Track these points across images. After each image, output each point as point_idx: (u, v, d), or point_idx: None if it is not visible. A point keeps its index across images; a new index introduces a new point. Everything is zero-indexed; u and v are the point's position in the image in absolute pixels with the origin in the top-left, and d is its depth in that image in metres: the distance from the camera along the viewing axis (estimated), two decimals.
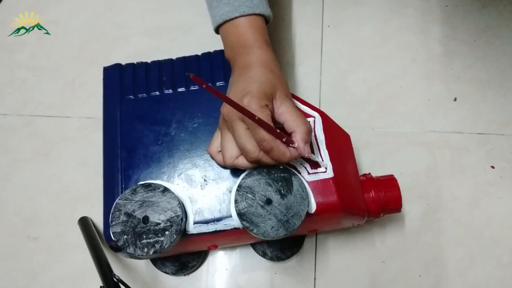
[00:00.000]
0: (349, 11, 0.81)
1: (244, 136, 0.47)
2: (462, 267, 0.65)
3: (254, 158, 0.47)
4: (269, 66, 0.52)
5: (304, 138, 0.48)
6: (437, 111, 0.73)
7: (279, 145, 0.47)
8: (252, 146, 0.47)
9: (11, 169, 0.73)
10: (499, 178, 0.69)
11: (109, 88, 0.59)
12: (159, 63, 0.60)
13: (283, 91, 0.51)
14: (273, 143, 0.46)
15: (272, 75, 0.51)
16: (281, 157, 0.47)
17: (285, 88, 0.52)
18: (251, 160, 0.48)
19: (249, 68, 0.52)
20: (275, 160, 0.48)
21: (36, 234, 0.69)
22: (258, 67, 0.51)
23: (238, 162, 0.49)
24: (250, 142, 0.47)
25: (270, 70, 0.52)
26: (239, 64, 0.53)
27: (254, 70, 0.51)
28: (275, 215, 0.48)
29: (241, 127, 0.47)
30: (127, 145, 0.55)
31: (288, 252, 0.64)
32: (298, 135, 0.48)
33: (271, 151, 0.47)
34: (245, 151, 0.48)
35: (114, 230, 0.48)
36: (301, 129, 0.48)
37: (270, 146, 0.46)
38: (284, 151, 0.47)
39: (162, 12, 0.82)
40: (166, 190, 0.49)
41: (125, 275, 0.66)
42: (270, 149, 0.46)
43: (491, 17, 0.79)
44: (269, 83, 0.50)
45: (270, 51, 0.54)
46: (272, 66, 0.52)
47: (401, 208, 0.58)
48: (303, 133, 0.48)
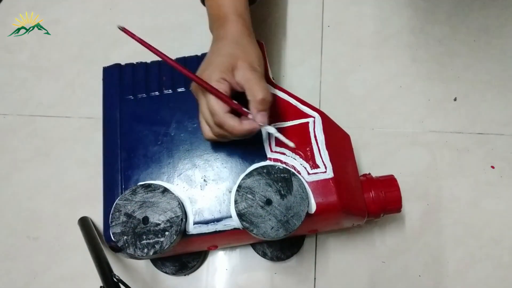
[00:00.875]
0: (349, 11, 0.81)
1: (204, 109, 0.49)
2: (462, 267, 0.65)
3: (216, 132, 0.49)
4: (237, 39, 0.53)
5: (257, 107, 0.47)
6: (437, 111, 0.73)
7: (227, 119, 0.47)
8: (211, 121, 0.49)
9: (11, 169, 0.73)
10: (499, 178, 0.69)
11: (109, 88, 0.59)
12: (159, 63, 0.60)
13: (245, 61, 0.50)
14: (221, 118, 0.47)
15: (238, 48, 0.52)
16: (232, 130, 0.47)
17: (249, 57, 0.51)
18: (216, 134, 0.49)
19: (219, 41, 0.54)
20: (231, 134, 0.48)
21: (36, 234, 0.69)
22: (226, 40, 0.53)
23: (212, 137, 0.51)
24: (209, 117, 0.49)
25: (237, 43, 0.52)
26: (214, 37, 0.56)
27: (222, 43, 0.53)
28: (275, 216, 0.48)
29: (203, 101, 0.49)
30: (127, 145, 0.55)
31: (288, 252, 0.64)
32: (252, 103, 0.48)
33: (222, 126, 0.47)
34: (209, 125, 0.49)
35: (114, 231, 0.48)
36: (255, 97, 0.47)
37: (219, 120, 0.47)
38: (233, 125, 0.47)
39: (162, 12, 0.82)
40: (166, 191, 0.49)
41: (125, 275, 0.66)
42: (220, 124, 0.48)
43: (491, 17, 0.79)
44: (231, 55, 0.50)
45: (240, 23, 0.55)
46: (240, 39, 0.53)
47: (401, 208, 0.58)
48: (256, 101, 0.47)
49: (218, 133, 0.49)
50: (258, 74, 0.49)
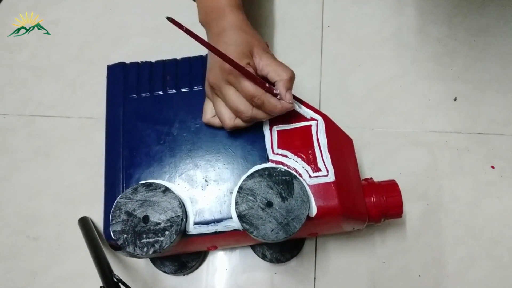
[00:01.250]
0: (349, 11, 0.81)
1: (235, 98, 0.50)
2: (462, 267, 0.65)
3: (248, 116, 0.50)
4: (241, 27, 0.54)
5: (286, 86, 0.50)
6: (437, 111, 0.73)
7: (269, 98, 0.49)
8: (244, 106, 0.49)
9: (11, 169, 0.73)
10: (499, 178, 0.69)
11: (112, 86, 0.59)
12: (164, 62, 0.60)
13: (260, 47, 0.52)
14: (263, 97, 0.48)
15: (246, 35, 0.53)
16: (273, 109, 0.49)
17: (261, 44, 0.53)
18: (246, 119, 0.50)
19: (223, 33, 0.53)
20: (268, 114, 0.50)
21: (36, 234, 0.69)
22: (231, 30, 0.53)
23: (238, 123, 0.52)
24: (241, 103, 0.49)
25: (243, 30, 0.53)
26: (213, 30, 0.55)
27: (228, 33, 0.53)
28: (275, 218, 0.47)
29: (231, 90, 0.50)
30: (129, 144, 0.55)
31: (288, 255, 0.64)
32: (281, 83, 0.49)
33: (262, 105, 0.49)
34: (238, 111, 0.50)
35: (114, 229, 0.48)
36: (282, 77, 0.50)
37: (261, 100, 0.48)
38: (275, 103, 0.49)
39: (162, 12, 0.82)
40: (167, 190, 0.49)
41: (125, 275, 0.66)
42: (261, 104, 0.49)
43: (491, 17, 0.79)
44: (244, 43, 0.51)
45: (241, 14, 0.56)
46: (245, 27, 0.54)
47: (402, 213, 0.58)
48: (285, 80, 0.49)
49: (252, 116, 0.50)
50: (274, 57, 0.52)
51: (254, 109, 0.50)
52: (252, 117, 0.50)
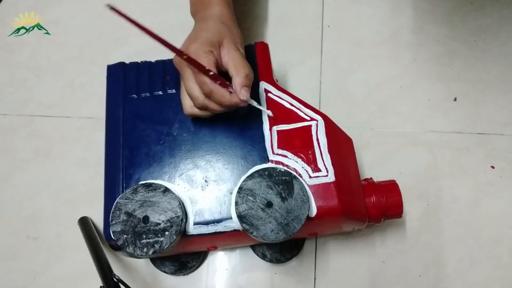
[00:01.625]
0: (349, 11, 0.81)
1: (191, 83, 0.50)
2: (462, 267, 0.65)
3: (200, 103, 0.50)
4: (221, 19, 0.56)
5: (241, 82, 0.49)
6: (437, 111, 0.73)
7: (218, 88, 0.49)
8: (197, 92, 0.50)
9: (11, 169, 0.73)
10: (499, 178, 0.69)
11: (112, 86, 0.59)
12: (163, 62, 0.60)
13: (231, 41, 0.53)
14: (212, 85, 0.48)
15: (223, 27, 0.54)
16: (221, 99, 0.49)
17: (234, 38, 0.54)
18: (199, 107, 0.51)
19: (202, 21, 0.56)
20: (218, 105, 0.50)
21: (36, 234, 0.69)
22: (211, 20, 0.55)
23: (195, 111, 0.52)
24: (195, 88, 0.50)
25: (223, 23, 0.55)
26: (197, 19, 0.58)
27: (207, 22, 0.55)
28: (275, 218, 0.47)
29: (188, 74, 0.50)
30: (129, 144, 0.55)
31: (288, 255, 0.64)
32: (237, 78, 0.49)
33: (211, 94, 0.49)
34: (192, 97, 0.50)
35: (114, 229, 0.48)
36: (239, 73, 0.49)
37: (209, 88, 0.48)
38: (223, 93, 0.49)
39: (162, 12, 0.82)
40: (167, 191, 0.49)
41: (125, 275, 0.66)
42: (209, 92, 0.49)
43: (491, 17, 0.79)
44: (217, 32, 0.53)
45: (226, 8, 0.58)
46: (225, 19, 0.56)
47: (402, 213, 0.58)
48: (241, 77, 0.49)
49: (204, 104, 0.50)
50: (242, 54, 0.53)
51: (206, 99, 0.50)
52: (203, 105, 0.50)
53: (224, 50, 0.52)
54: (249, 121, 0.55)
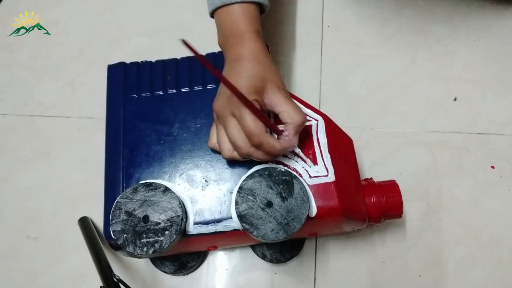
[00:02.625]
0: (349, 11, 0.81)
1: (235, 132, 0.48)
2: (462, 267, 0.65)
3: (245, 153, 0.48)
4: (258, 58, 0.52)
5: (296, 130, 0.49)
6: (437, 111, 0.74)
7: (268, 139, 0.47)
8: (242, 142, 0.48)
9: (11, 169, 0.73)
10: (499, 178, 0.69)
11: (113, 86, 0.59)
12: (164, 62, 0.60)
13: (275, 83, 0.50)
14: (262, 137, 0.46)
15: (262, 68, 0.51)
16: (271, 150, 0.47)
17: (276, 79, 0.51)
18: (243, 155, 0.49)
19: (239, 61, 0.52)
20: (267, 154, 0.48)
21: (36, 234, 0.69)
22: (247, 60, 0.51)
23: (235, 156, 0.50)
24: (240, 138, 0.48)
25: (259, 62, 0.51)
26: (230, 56, 0.53)
27: (244, 64, 0.51)
28: (275, 218, 0.47)
29: (232, 123, 0.48)
30: (129, 143, 0.55)
31: (288, 255, 0.64)
32: (291, 126, 0.48)
33: (260, 145, 0.47)
34: (236, 146, 0.48)
35: (114, 229, 0.48)
36: (294, 120, 0.48)
37: (259, 141, 0.47)
38: (273, 144, 0.47)
39: (162, 12, 0.82)
40: (167, 190, 0.49)
41: (125, 275, 0.66)
42: (259, 144, 0.47)
43: (491, 17, 0.79)
44: (258, 77, 0.50)
45: (260, 42, 0.54)
46: (262, 58, 0.52)
47: (402, 213, 0.57)
48: (296, 124, 0.48)
49: (249, 153, 0.48)
50: (288, 95, 0.51)
51: (252, 148, 0.48)
52: (248, 154, 0.48)
53: (269, 95, 0.49)
54: None
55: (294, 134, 0.49)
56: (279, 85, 0.51)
